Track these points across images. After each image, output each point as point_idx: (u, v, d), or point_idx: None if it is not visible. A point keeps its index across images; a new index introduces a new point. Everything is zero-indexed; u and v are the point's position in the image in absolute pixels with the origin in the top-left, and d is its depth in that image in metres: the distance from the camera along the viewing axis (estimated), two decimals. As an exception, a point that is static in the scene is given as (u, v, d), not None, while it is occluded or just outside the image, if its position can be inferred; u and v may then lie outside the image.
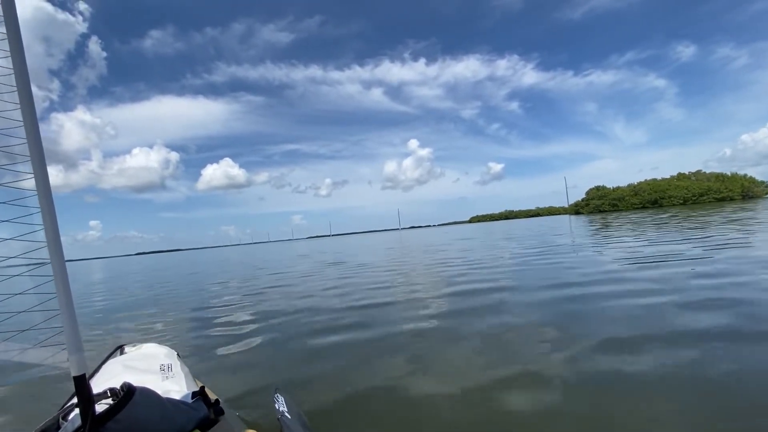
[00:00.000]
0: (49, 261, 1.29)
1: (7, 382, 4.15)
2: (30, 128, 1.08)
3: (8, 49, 0.99)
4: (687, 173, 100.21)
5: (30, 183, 1.19)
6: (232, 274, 16.33)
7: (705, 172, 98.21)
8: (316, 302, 7.20)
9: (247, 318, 6.45)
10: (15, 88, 1.04)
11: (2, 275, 1.21)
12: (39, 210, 1.21)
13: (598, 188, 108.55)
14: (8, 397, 3.77)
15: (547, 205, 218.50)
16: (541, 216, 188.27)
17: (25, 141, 1.09)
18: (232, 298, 8.76)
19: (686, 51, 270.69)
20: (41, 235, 1.26)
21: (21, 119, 1.06)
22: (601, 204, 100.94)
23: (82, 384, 1.36)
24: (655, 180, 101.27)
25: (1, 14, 0.97)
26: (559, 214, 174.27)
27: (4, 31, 0.99)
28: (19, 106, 1.06)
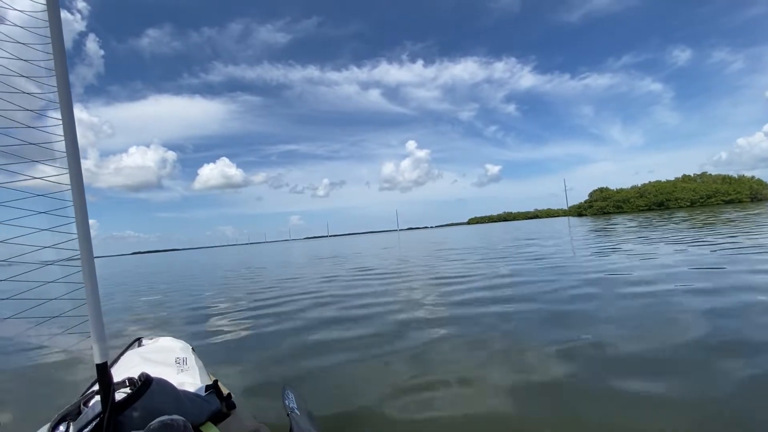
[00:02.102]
0: (78, 253, 1.36)
1: (35, 365, 4.49)
2: (68, 127, 1.15)
3: (51, 52, 1.06)
4: (692, 175, 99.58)
5: (62, 178, 1.27)
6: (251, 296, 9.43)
7: (711, 174, 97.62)
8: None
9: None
10: (55, 89, 1.11)
11: (36, 263, 1.28)
12: (71, 204, 1.28)
13: (601, 190, 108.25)
14: (33, 381, 4.01)
15: (544, 207, 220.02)
16: (540, 218, 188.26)
17: (63, 138, 1.16)
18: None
19: (682, 55, 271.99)
20: (72, 228, 1.34)
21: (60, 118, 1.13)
22: (605, 206, 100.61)
23: (104, 372, 1.42)
24: (659, 182, 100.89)
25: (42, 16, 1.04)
26: (558, 216, 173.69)
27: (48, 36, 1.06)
28: (58, 106, 1.12)
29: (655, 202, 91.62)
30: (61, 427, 1.53)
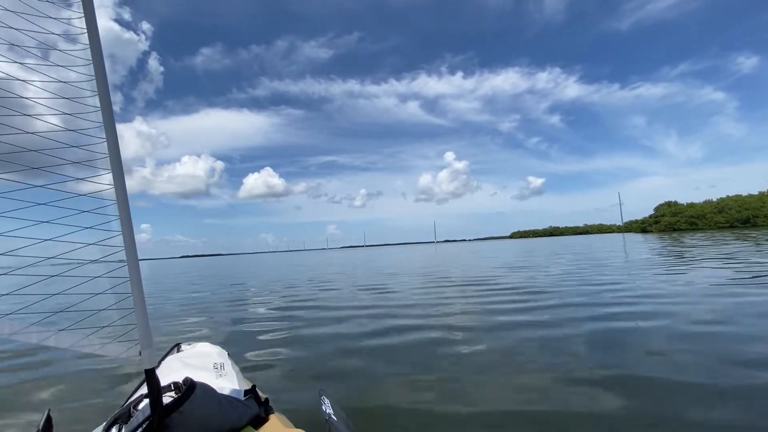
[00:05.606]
0: (125, 263, 1.44)
1: (88, 371, 4.87)
2: (112, 144, 1.23)
3: (93, 74, 1.15)
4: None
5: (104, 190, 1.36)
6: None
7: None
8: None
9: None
10: (99, 108, 1.19)
11: (86, 276, 1.36)
12: (117, 217, 1.37)
13: (669, 204, 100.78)
14: (86, 385, 4.35)
15: (590, 221, 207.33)
16: (590, 233, 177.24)
17: (107, 155, 1.24)
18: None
19: (747, 62, 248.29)
20: (119, 240, 1.42)
21: (104, 137, 1.21)
22: (676, 222, 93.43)
23: (152, 376, 1.47)
24: (740, 196, 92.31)
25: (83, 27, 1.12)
26: (611, 231, 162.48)
27: (88, 58, 1.15)
28: (102, 124, 1.21)
29: (738, 218, 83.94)
30: (113, 430, 1.60)
